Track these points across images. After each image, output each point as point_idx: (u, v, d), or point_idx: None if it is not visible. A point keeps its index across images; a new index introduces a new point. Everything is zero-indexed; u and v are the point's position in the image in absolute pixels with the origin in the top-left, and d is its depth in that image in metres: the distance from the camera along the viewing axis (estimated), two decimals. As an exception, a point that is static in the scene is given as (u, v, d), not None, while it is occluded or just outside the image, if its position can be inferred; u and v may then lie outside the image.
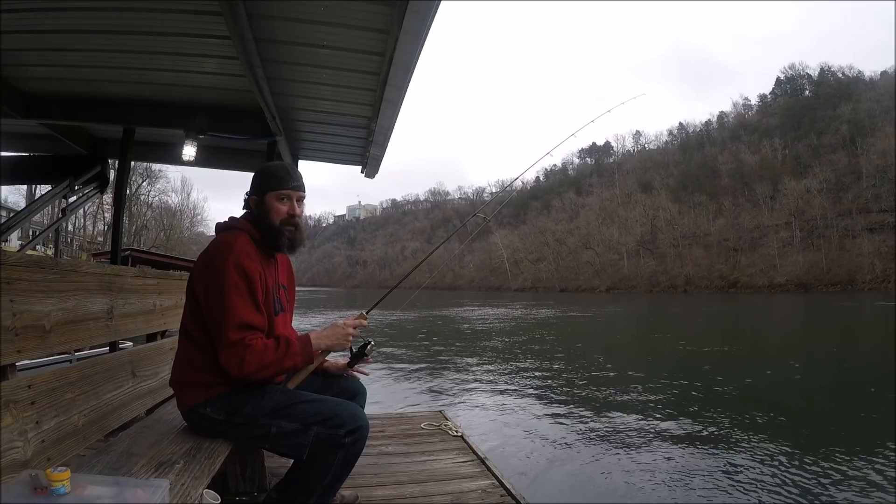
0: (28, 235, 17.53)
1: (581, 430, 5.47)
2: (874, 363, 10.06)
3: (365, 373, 1.88)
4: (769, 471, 4.20)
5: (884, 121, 67.66)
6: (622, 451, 4.75)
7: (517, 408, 6.47)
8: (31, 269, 1.37)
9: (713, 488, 3.89)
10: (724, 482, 3.99)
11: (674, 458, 4.52)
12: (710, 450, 4.74)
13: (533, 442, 5.06)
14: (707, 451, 4.72)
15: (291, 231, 1.63)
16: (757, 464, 4.36)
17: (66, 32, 2.85)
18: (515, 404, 6.66)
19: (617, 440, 5.07)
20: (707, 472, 4.18)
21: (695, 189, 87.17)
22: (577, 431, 5.41)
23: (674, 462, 4.44)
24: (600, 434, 5.30)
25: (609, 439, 5.11)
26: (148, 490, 1.08)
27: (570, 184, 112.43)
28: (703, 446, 4.85)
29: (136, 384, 1.92)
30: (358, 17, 2.51)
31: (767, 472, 4.18)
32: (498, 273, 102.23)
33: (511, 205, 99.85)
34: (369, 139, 3.96)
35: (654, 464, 4.39)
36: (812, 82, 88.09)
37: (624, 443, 4.98)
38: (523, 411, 6.30)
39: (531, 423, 5.74)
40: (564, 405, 6.59)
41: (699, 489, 3.88)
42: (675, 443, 4.96)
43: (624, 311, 30.34)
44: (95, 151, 4.71)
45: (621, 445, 4.90)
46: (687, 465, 4.34)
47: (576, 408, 6.44)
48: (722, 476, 4.11)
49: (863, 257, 61.49)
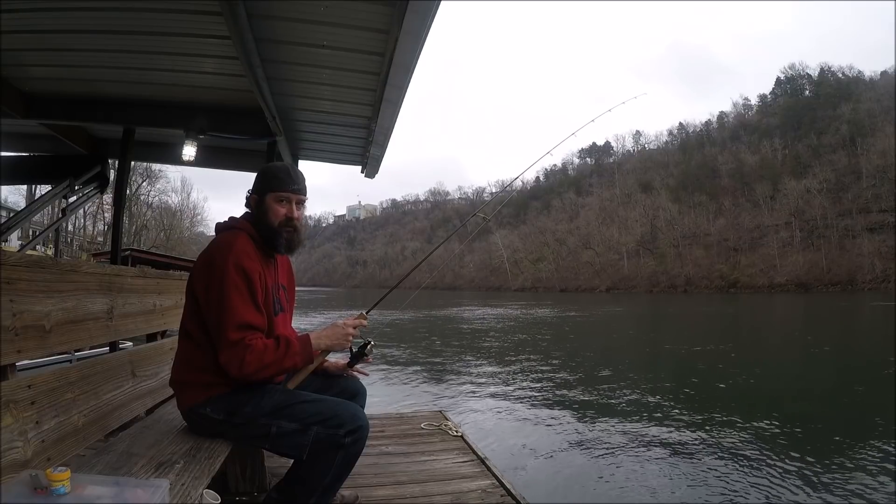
0: (28, 235, 17.53)
1: (581, 430, 5.47)
2: (874, 363, 10.05)
3: (365, 373, 1.87)
4: (769, 471, 4.20)
5: (884, 121, 67.65)
6: (622, 451, 4.75)
7: (517, 408, 6.47)
8: (31, 269, 1.37)
9: (713, 488, 3.89)
10: (724, 482, 3.99)
11: (673, 459, 4.52)
12: (709, 450, 4.74)
13: (533, 442, 5.06)
14: (707, 450, 4.72)
15: (289, 233, 1.63)
16: (756, 463, 4.36)
17: (66, 32, 2.85)
18: (515, 404, 6.66)
19: (617, 440, 5.07)
20: (707, 472, 4.18)
21: (695, 189, 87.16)
22: (577, 431, 5.41)
23: (673, 462, 4.44)
24: (600, 434, 5.30)
25: (609, 439, 5.11)
26: (148, 490, 1.08)
27: (570, 184, 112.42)
28: (703, 446, 4.85)
29: (136, 384, 1.92)
30: (358, 17, 2.51)
31: (767, 471, 4.18)
32: (498, 273, 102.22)
33: (511, 205, 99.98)
34: (369, 139, 3.96)
35: (654, 463, 4.39)
36: (812, 82, 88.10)
37: (624, 443, 4.98)
38: (523, 411, 6.30)
39: (531, 424, 5.74)
40: (564, 405, 6.58)
41: (699, 489, 3.88)
42: (675, 443, 4.96)
43: (624, 311, 30.35)
44: (95, 151, 4.71)
45: (621, 445, 4.90)
46: (687, 465, 4.34)
47: (576, 408, 6.44)
48: (722, 476, 4.11)
49: (863, 257, 61.48)
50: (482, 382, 8.13)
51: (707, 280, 74.63)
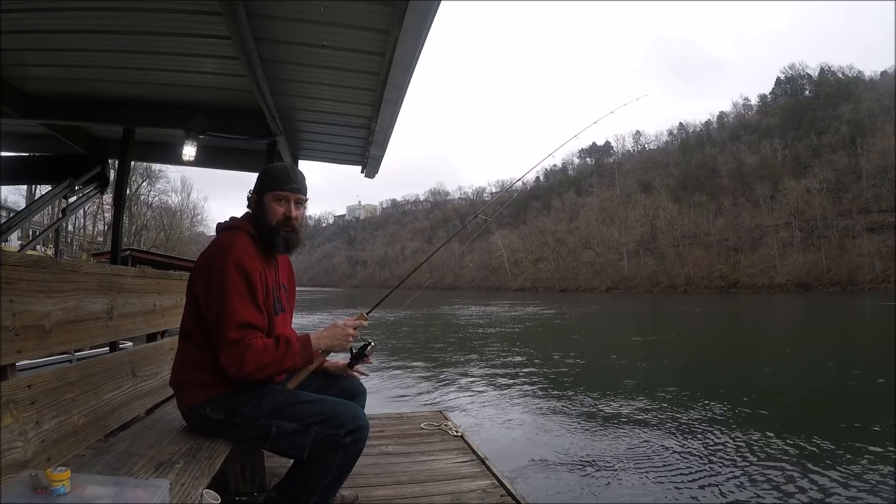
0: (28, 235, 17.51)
1: (581, 430, 5.46)
2: (874, 363, 10.05)
3: (364, 373, 1.88)
4: (769, 471, 4.19)
5: (884, 121, 67.57)
6: (622, 450, 4.74)
7: (517, 408, 6.48)
8: (31, 269, 1.37)
9: (713, 488, 3.88)
10: (724, 482, 3.98)
11: (674, 458, 4.51)
12: (709, 449, 4.74)
13: (533, 442, 5.06)
14: (707, 450, 4.72)
15: (287, 232, 1.63)
16: (756, 464, 4.35)
17: (66, 32, 2.85)
18: (515, 404, 6.66)
19: (617, 440, 5.07)
20: (707, 472, 4.18)
21: (695, 189, 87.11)
22: (577, 431, 5.41)
23: (674, 462, 4.43)
24: (601, 434, 5.30)
25: (609, 439, 5.11)
26: (148, 490, 1.08)
27: (570, 184, 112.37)
28: (703, 446, 4.85)
29: (136, 384, 1.92)
30: (358, 17, 2.51)
31: (767, 472, 4.18)
32: (498, 273, 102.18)
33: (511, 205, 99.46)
34: (369, 139, 3.96)
35: (655, 463, 4.38)
36: (812, 82, 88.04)
37: (624, 442, 4.97)
38: (523, 411, 6.30)
39: (531, 423, 5.74)
40: (564, 405, 6.58)
41: (698, 489, 3.88)
42: (675, 443, 4.96)
43: (624, 311, 30.35)
44: (95, 151, 4.71)
45: (621, 445, 4.90)
46: (687, 465, 4.34)
47: (576, 408, 6.44)
48: (722, 476, 4.10)
49: (863, 257, 61.42)
50: (482, 382, 8.12)
51: (707, 280, 74.59)
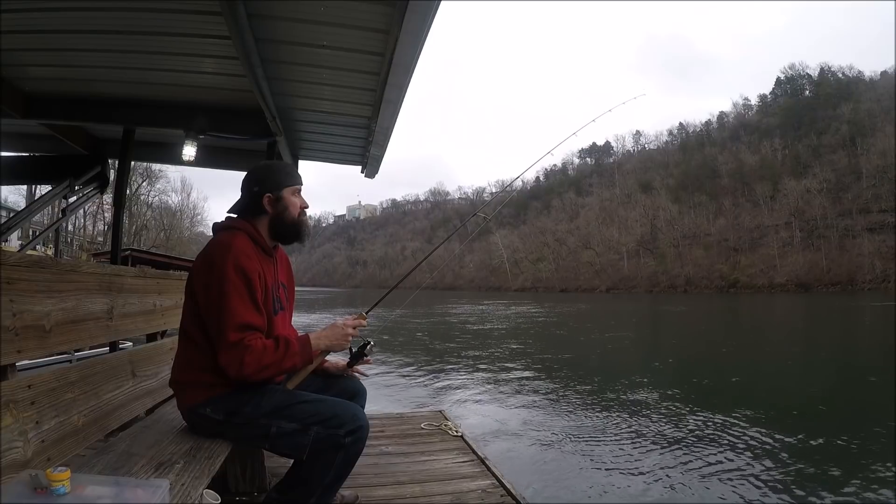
0: (28, 235, 17.52)
1: (581, 430, 5.46)
2: (874, 363, 10.05)
3: (364, 373, 1.88)
4: (769, 471, 4.20)
5: (884, 121, 67.54)
6: (623, 450, 4.75)
7: (517, 408, 6.47)
8: (31, 269, 1.37)
9: (712, 488, 3.89)
10: (724, 482, 3.99)
11: (673, 458, 4.52)
12: (709, 449, 4.74)
13: (533, 442, 5.06)
14: (706, 450, 4.71)
15: (305, 222, 1.70)
16: (756, 464, 4.35)
17: (66, 32, 2.85)
18: (515, 404, 6.66)
19: (617, 440, 5.07)
20: (706, 472, 4.18)
21: (695, 189, 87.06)
22: (577, 431, 5.41)
23: (673, 462, 4.43)
24: (601, 434, 5.30)
25: (609, 439, 5.11)
26: (148, 490, 1.08)
27: (570, 184, 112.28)
28: (703, 446, 4.85)
29: (136, 384, 1.92)
30: (358, 17, 2.51)
31: (767, 472, 4.18)
32: (498, 273, 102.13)
33: (511, 205, 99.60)
34: (369, 139, 3.96)
35: (654, 463, 4.39)
36: (812, 82, 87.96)
37: (624, 443, 4.98)
38: (524, 411, 6.30)
39: (531, 423, 5.74)
40: (565, 405, 6.58)
41: (698, 488, 3.88)
42: (675, 443, 4.96)
43: (624, 310, 30.34)
44: (95, 151, 4.71)
45: (622, 445, 4.90)
46: (687, 465, 4.34)
47: (576, 408, 6.44)
48: (721, 476, 4.10)
49: (863, 257, 61.42)
50: (482, 382, 8.13)
51: (707, 280, 74.57)
